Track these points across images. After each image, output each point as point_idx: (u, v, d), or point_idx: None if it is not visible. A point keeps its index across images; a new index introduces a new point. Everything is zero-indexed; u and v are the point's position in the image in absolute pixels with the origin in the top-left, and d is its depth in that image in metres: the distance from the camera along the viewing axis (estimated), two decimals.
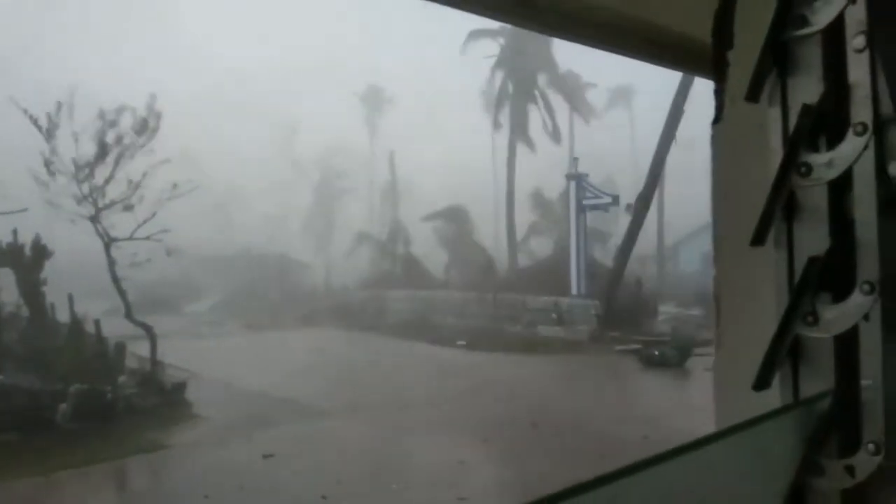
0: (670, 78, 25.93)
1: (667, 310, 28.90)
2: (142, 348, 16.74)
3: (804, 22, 0.87)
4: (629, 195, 29.62)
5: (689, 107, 25.97)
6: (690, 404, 16.07)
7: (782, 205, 0.90)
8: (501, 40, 37.73)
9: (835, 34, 0.86)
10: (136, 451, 12.57)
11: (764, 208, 0.89)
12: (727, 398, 1.12)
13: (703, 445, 0.74)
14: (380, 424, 14.17)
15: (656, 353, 20.36)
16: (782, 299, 0.91)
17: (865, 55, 0.84)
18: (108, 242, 17.04)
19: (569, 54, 38.53)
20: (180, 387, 15.75)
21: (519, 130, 38.51)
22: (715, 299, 1.13)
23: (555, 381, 18.78)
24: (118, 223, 17.28)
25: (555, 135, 39.75)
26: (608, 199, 28.45)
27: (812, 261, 0.86)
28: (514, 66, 37.89)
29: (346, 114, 44.21)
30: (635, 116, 49.64)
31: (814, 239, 0.88)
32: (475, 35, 37.53)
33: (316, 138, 41.05)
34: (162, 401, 14.98)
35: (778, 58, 0.90)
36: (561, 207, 31.38)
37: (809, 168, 0.88)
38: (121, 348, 16.15)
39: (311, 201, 42.66)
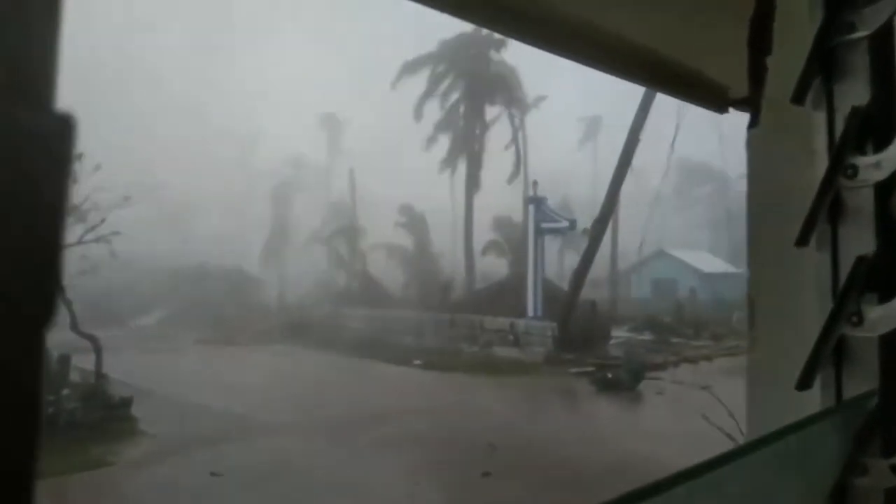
0: (629, 105, 26.64)
1: (620, 334, 29.31)
2: (87, 361, 16.15)
3: (852, 28, 0.89)
4: (585, 220, 30.16)
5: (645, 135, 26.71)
6: (642, 427, 16.31)
7: (827, 206, 0.91)
8: (451, 62, 37.95)
9: (883, 39, 0.88)
10: (79, 467, 12.04)
11: (810, 209, 0.90)
12: (760, 398, 1.12)
13: (756, 449, 0.73)
14: (333, 443, 13.94)
15: (610, 375, 20.60)
16: (825, 300, 0.91)
17: None
18: None
19: (526, 77, 39.25)
20: (126, 402, 15.21)
21: (473, 155, 38.82)
22: (748, 301, 1.14)
23: (511, 402, 18.79)
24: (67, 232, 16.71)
25: (516, 163, 40.23)
26: (566, 223, 28.85)
27: (860, 260, 0.87)
28: (468, 89, 38.16)
29: (305, 131, 44.01)
30: (595, 142, 50.74)
31: (859, 240, 0.89)
32: (425, 60, 37.78)
33: (273, 154, 40.70)
34: (107, 416, 14.43)
35: (824, 62, 0.92)
36: (519, 230, 31.69)
37: (856, 170, 0.89)
38: (65, 360, 15.53)
39: (267, 216, 42.14)
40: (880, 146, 0.88)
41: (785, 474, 0.79)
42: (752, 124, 1.16)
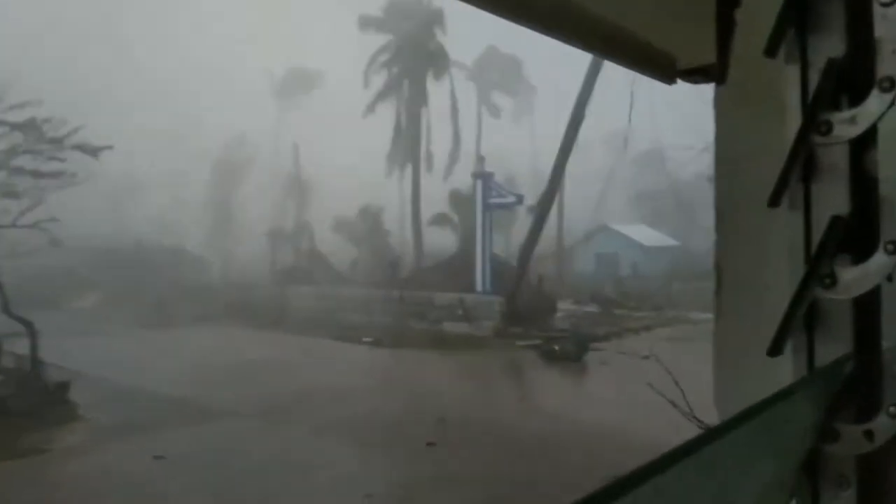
0: (573, 79, 26.81)
1: (565, 307, 29.84)
2: (21, 346, 15.48)
3: None
4: (531, 195, 30.41)
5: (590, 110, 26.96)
6: (588, 396, 16.69)
7: (800, 165, 0.87)
8: (397, 30, 37.39)
9: None
10: (12, 455, 11.58)
11: (782, 169, 0.86)
12: (728, 366, 1.09)
13: (732, 429, 0.68)
14: (278, 423, 13.78)
15: (556, 347, 20.97)
16: (797, 263, 0.88)
17: (893, 9, 0.82)
18: None
19: (475, 49, 39.06)
20: (63, 387, 14.68)
21: (417, 126, 38.53)
22: (715, 267, 1.10)
23: (460, 376, 18.94)
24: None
25: (455, 135, 40.14)
26: (513, 199, 29.02)
27: (835, 220, 0.84)
28: (412, 58, 37.70)
29: (249, 105, 42.79)
30: (537, 117, 51.01)
31: (833, 199, 0.86)
32: (370, 22, 37.15)
33: (217, 130, 39.48)
34: (43, 402, 13.89)
35: (799, 13, 0.87)
36: (467, 205, 31.69)
37: (830, 126, 0.85)
38: None
39: (210, 194, 40.99)
40: (856, 101, 0.84)
41: (760, 447, 0.76)
42: (720, 81, 1.12)
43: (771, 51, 0.88)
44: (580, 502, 0.47)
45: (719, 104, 1.12)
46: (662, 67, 2.04)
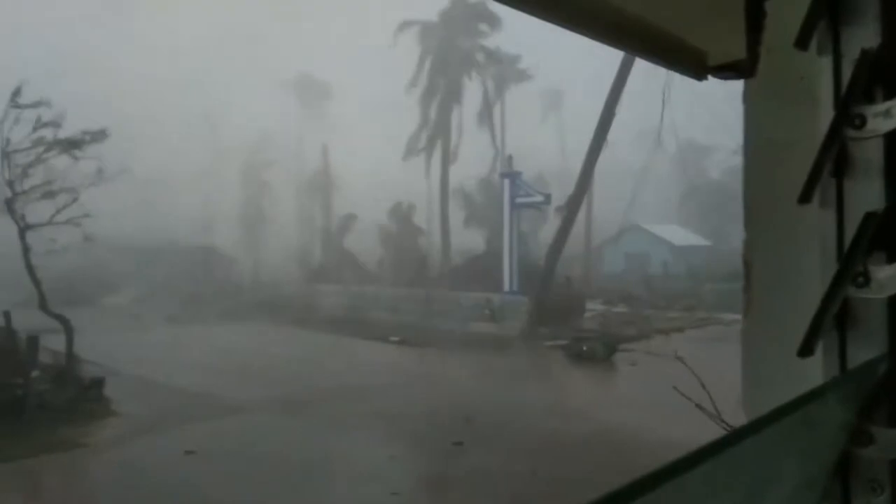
0: (603, 80, 26.56)
1: (594, 307, 29.60)
2: (57, 342, 15.84)
3: None
4: (560, 194, 30.20)
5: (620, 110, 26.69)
6: (615, 397, 16.53)
7: (832, 160, 0.84)
8: (433, 32, 37.44)
9: None
10: (49, 449, 11.87)
11: (814, 163, 0.84)
12: (756, 367, 1.07)
13: (762, 428, 0.67)
14: (307, 419, 13.90)
15: (584, 348, 20.82)
16: (828, 261, 0.85)
17: None
18: (24, 228, 16.00)
19: (505, 49, 38.87)
20: (98, 382, 14.98)
21: (445, 128, 38.50)
22: (744, 263, 1.07)
23: (487, 376, 18.90)
24: (36, 211, 16.33)
25: (491, 133, 40.02)
26: (541, 198, 28.86)
27: (868, 217, 0.81)
28: (445, 60, 37.71)
29: (277, 104, 43.15)
30: (567, 116, 50.60)
31: (867, 195, 0.83)
32: (406, 26, 37.23)
33: (245, 129, 39.90)
34: (78, 397, 14.20)
35: (830, 4, 0.85)
36: (495, 205, 31.60)
37: (864, 119, 0.83)
38: (33, 342, 15.20)
39: (239, 193, 41.48)
40: (891, 93, 0.82)
41: (789, 448, 0.74)
42: (750, 74, 1.09)
43: (802, 42, 0.85)
44: (604, 499, 0.47)
45: (749, 98, 1.10)
46: (692, 63, 2.01)
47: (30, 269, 15.92)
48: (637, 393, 16.05)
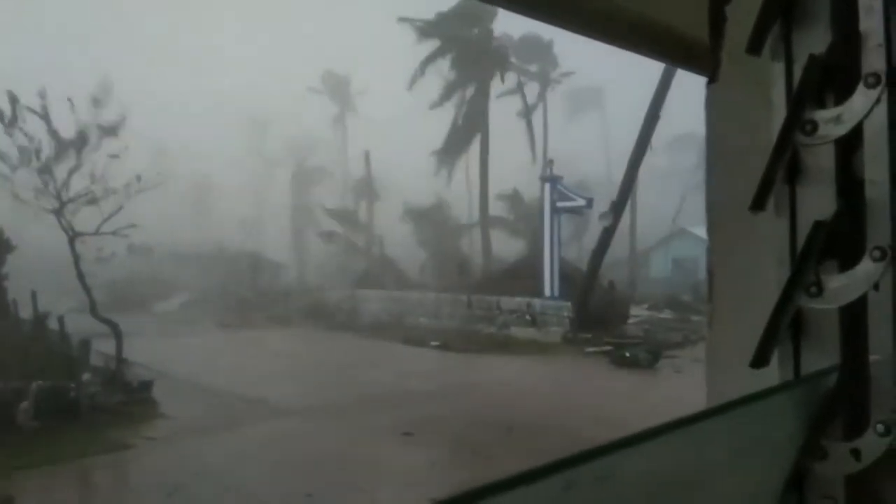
0: (647, 81, 26.16)
1: (638, 313, 29.14)
2: (108, 346, 16.38)
3: None
4: (602, 199, 29.83)
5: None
6: (660, 406, 16.20)
7: (785, 166, 0.83)
8: (464, 31, 37.36)
9: None
10: (100, 449, 12.26)
11: (765, 170, 0.82)
12: (720, 377, 1.05)
13: (698, 421, 0.67)
14: (351, 425, 14.02)
15: (627, 354, 20.50)
16: (783, 269, 0.84)
17: (878, 1, 0.77)
18: (73, 237, 16.62)
19: (542, 51, 38.63)
20: (147, 385, 15.42)
21: (485, 130, 38.40)
22: (708, 272, 1.06)
23: (527, 382, 18.77)
24: (84, 217, 16.95)
25: (530, 138, 39.83)
26: (582, 202, 28.58)
27: (817, 225, 0.79)
28: (474, 60, 37.63)
29: (316, 110, 43.81)
30: (609, 118, 50.03)
31: (819, 202, 0.81)
32: (437, 25, 37.24)
33: (286, 134, 40.67)
34: (127, 399, 14.64)
35: (783, 7, 0.83)
36: (535, 209, 31.45)
37: (815, 125, 0.81)
38: (85, 345, 15.77)
39: (283, 199, 42.28)
40: (841, 98, 0.80)
41: (735, 451, 0.73)
42: (711, 79, 1.08)
43: (754, 47, 0.84)
44: (579, 455, 0.50)
45: (710, 103, 1.08)
46: (706, 63, 1.98)
47: (80, 276, 16.51)
48: (682, 401, 15.69)
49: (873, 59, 0.76)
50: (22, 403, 13.06)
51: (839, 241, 0.80)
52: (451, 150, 38.82)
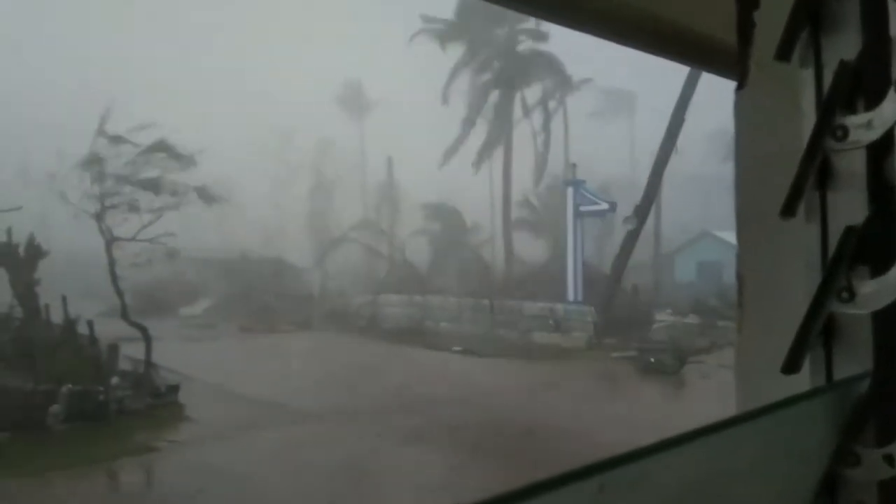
0: (671, 85, 25.98)
1: (663, 318, 28.83)
2: (135, 350, 16.61)
3: None
4: (625, 203, 29.61)
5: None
6: (685, 412, 16.03)
7: (815, 172, 0.83)
8: (480, 36, 37.35)
9: None
10: (128, 452, 12.46)
11: (795, 176, 0.82)
12: (750, 383, 1.05)
13: (728, 427, 0.67)
14: (373, 429, 14.06)
15: (652, 360, 20.30)
16: (814, 274, 0.84)
17: None
18: (111, 241, 16.91)
19: (565, 56, 38.47)
20: (173, 389, 15.62)
21: (506, 135, 38.36)
22: (738, 277, 1.06)
23: (550, 388, 18.68)
24: (119, 224, 17.29)
25: (546, 141, 39.68)
26: (605, 206, 28.41)
27: (849, 231, 0.79)
28: (502, 68, 37.62)
29: (335, 116, 44.03)
30: (633, 122, 49.62)
31: (850, 208, 0.81)
32: (453, 31, 37.30)
33: (307, 141, 40.95)
34: (155, 403, 14.85)
35: (812, 13, 0.83)
36: (558, 213, 31.31)
37: (846, 131, 0.81)
38: (114, 350, 16.01)
39: (304, 205, 42.55)
40: (872, 104, 0.80)
41: (766, 457, 0.73)
42: (740, 86, 1.08)
43: (784, 54, 0.84)
44: (612, 459, 0.51)
45: (738, 110, 1.08)
46: (734, 66, 1.98)
47: (114, 280, 16.79)
48: (707, 407, 15.51)
49: None
50: (52, 406, 13.31)
51: (871, 246, 0.80)
52: (475, 154, 38.88)
